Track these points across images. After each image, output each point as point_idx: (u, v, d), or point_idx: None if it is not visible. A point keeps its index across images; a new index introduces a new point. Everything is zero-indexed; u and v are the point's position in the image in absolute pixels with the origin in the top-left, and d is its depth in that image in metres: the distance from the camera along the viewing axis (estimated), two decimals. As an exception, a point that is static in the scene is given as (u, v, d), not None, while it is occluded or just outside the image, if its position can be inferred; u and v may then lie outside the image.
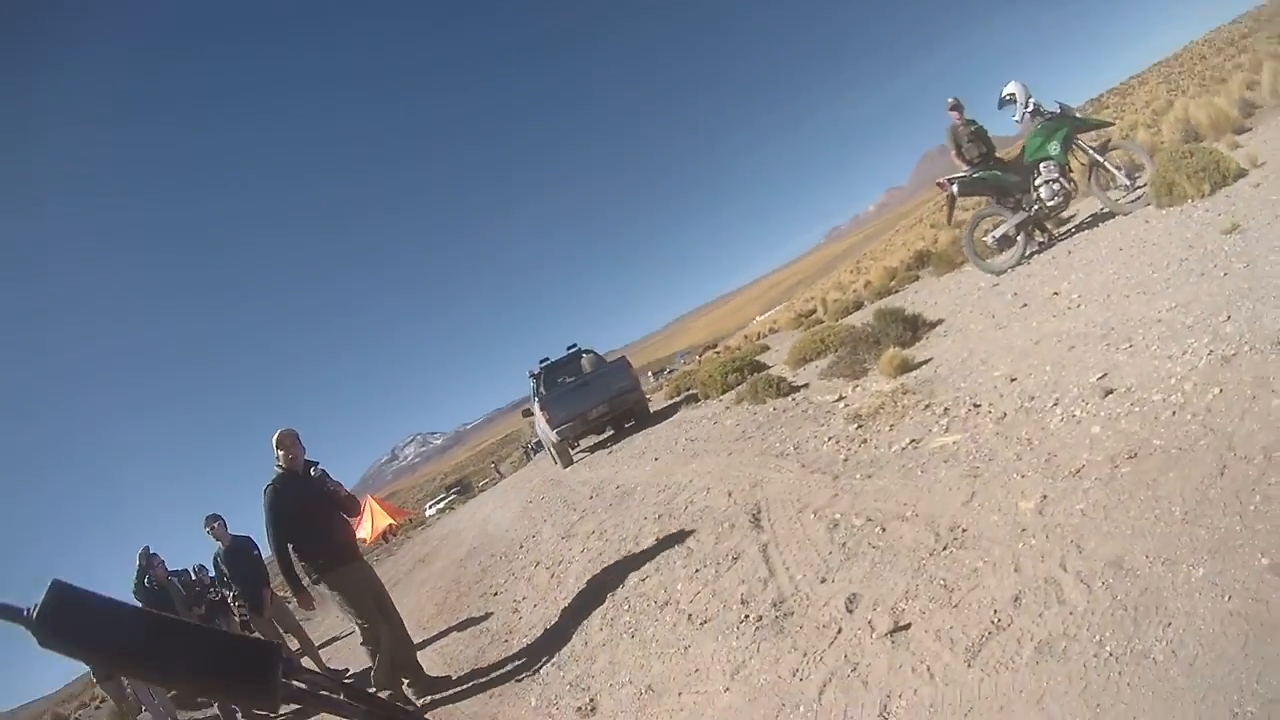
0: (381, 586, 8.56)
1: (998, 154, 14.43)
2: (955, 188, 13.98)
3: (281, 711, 1.19)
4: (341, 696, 1.19)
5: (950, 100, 14.53)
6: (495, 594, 9.47)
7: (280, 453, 8.24)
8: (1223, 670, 2.85)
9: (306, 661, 12.27)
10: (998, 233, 13.61)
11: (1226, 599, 3.15)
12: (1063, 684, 3.23)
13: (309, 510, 8.15)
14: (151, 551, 13.03)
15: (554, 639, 7.60)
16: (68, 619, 1.02)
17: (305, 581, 8.37)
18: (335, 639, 17.11)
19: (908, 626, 4.22)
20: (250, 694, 1.10)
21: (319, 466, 8.37)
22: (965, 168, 14.08)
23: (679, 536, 7.94)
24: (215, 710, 13.02)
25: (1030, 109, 13.23)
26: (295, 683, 1.14)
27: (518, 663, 7.68)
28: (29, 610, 1.00)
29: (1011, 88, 13.44)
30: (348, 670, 12.11)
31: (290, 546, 8.14)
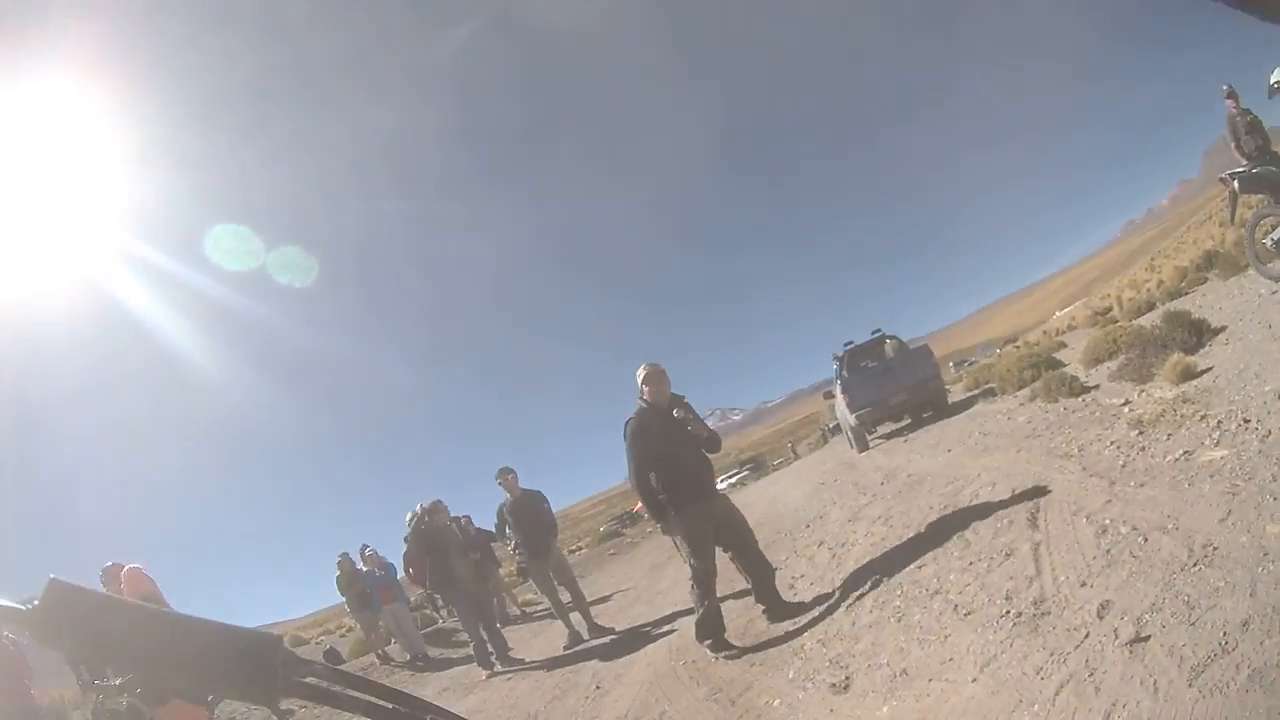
0: (737, 520, 8.88)
1: (1275, 147, 13.37)
2: (1236, 184, 13.21)
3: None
4: (344, 690, 1.22)
5: (1225, 88, 13.66)
6: (774, 569, 9.45)
7: (646, 388, 8.78)
8: None
9: (577, 619, 12.84)
10: (1277, 235, 12.60)
11: None
12: (1263, 714, 3.37)
13: (666, 445, 8.58)
14: (437, 499, 13.62)
15: (824, 617, 7.86)
16: (67, 616, 1.06)
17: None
18: (608, 597, 17.55)
19: (1148, 638, 4.35)
20: (252, 689, 1.13)
21: (684, 401, 8.80)
22: (1244, 161, 13.20)
23: (960, 528, 8.05)
24: (470, 650, 13.45)
25: None
26: (298, 677, 1.17)
27: (784, 636, 7.99)
28: (29, 609, 1.05)
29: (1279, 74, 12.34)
30: (614, 629, 12.59)
31: (652, 476, 8.55)
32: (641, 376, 8.83)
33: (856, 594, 7.95)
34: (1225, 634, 4.02)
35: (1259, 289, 13.28)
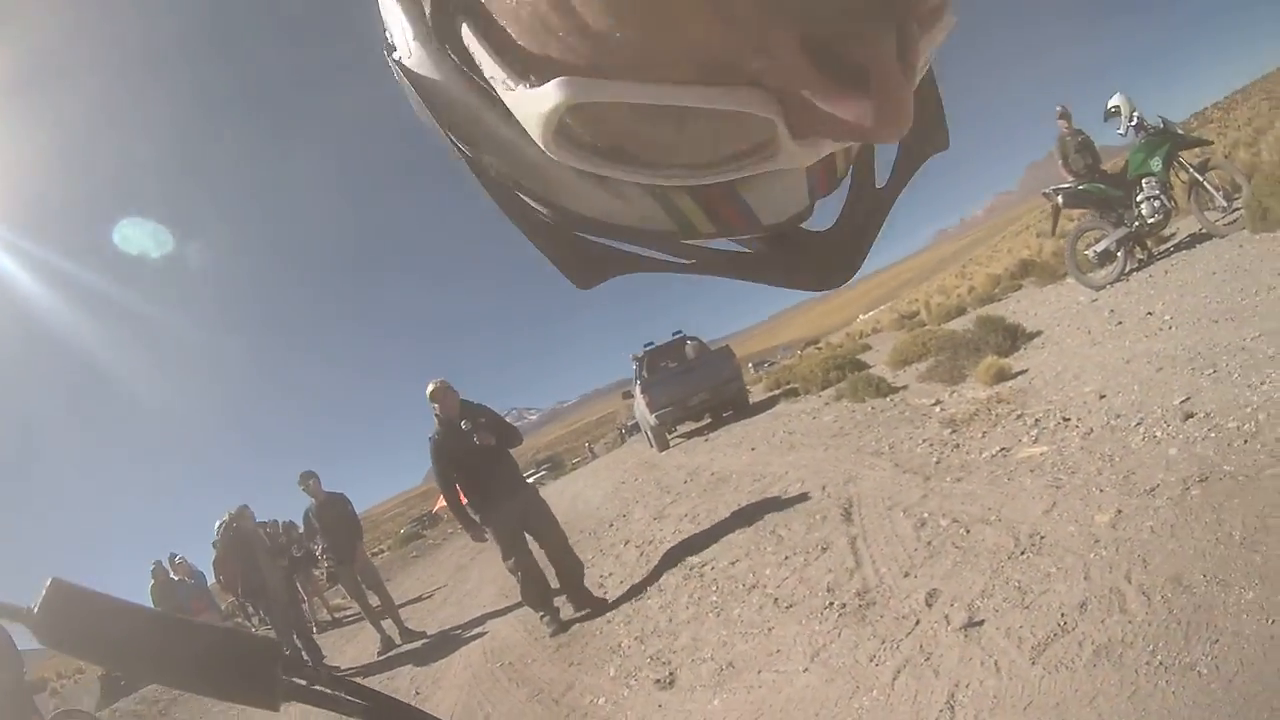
0: (544, 513, 9.18)
1: (1103, 166, 14.26)
2: (1060, 199, 13.84)
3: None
4: (342, 694, 1.18)
5: (1059, 108, 14.43)
6: (583, 565, 9.39)
7: (435, 405, 8.90)
8: (1258, 689, 3.02)
9: (388, 624, 12.71)
10: (1099, 247, 13.42)
11: (1271, 622, 3.32)
12: (1115, 687, 3.41)
13: (463, 456, 8.79)
14: (243, 504, 13.41)
15: (638, 615, 7.81)
16: (67, 617, 1.02)
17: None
18: (418, 599, 17.38)
19: (981, 623, 4.41)
20: (250, 692, 1.08)
21: (479, 407, 9.07)
22: (1071, 178, 13.92)
23: (771, 524, 8.10)
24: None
25: (1134, 123, 13.01)
26: (296, 680, 1.12)
27: (599, 634, 7.90)
28: (29, 609, 1.01)
29: (1117, 100, 13.26)
30: (425, 633, 12.46)
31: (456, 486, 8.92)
32: (428, 395, 9.03)
33: (670, 591, 7.94)
34: (1063, 615, 4.12)
35: (1078, 297, 13.76)
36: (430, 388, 9.02)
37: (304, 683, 1.12)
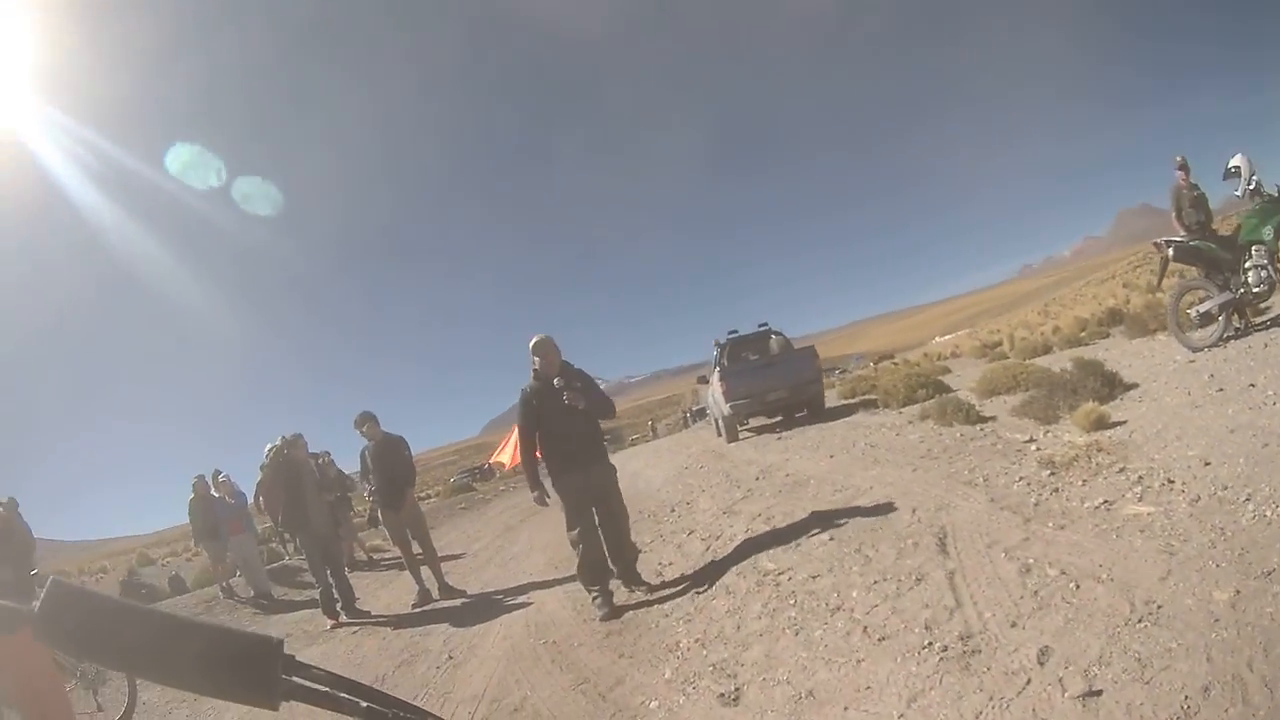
0: (613, 494, 9.19)
1: (1214, 225, 14.05)
2: (1171, 251, 13.56)
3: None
4: (342, 693, 1.21)
5: (1178, 159, 14.23)
6: (639, 552, 9.49)
7: (535, 358, 8.96)
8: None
9: (427, 573, 12.64)
10: (1202, 308, 13.10)
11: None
12: None
13: (551, 415, 8.89)
14: (298, 432, 13.22)
15: (700, 614, 7.56)
16: (68, 617, 1.06)
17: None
18: (458, 555, 17.17)
19: (1100, 693, 4.17)
20: (250, 691, 1.12)
21: (576, 370, 9.10)
22: (1182, 232, 13.74)
23: (856, 542, 7.79)
24: (316, 594, 13.36)
25: (1253, 186, 12.71)
26: (296, 679, 1.16)
27: (654, 629, 7.68)
28: (30, 609, 1.05)
29: (1238, 160, 12.89)
30: (466, 591, 12.39)
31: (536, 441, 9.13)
32: (530, 347, 9.00)
33: (739, 595, 7.63)
34: (1186, 697, 3.91)
35: (1173, 355, 13.44)
36: (535, 340, 8.96)
37: (304, 682, 1.17)
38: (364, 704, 1.21)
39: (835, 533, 8.37)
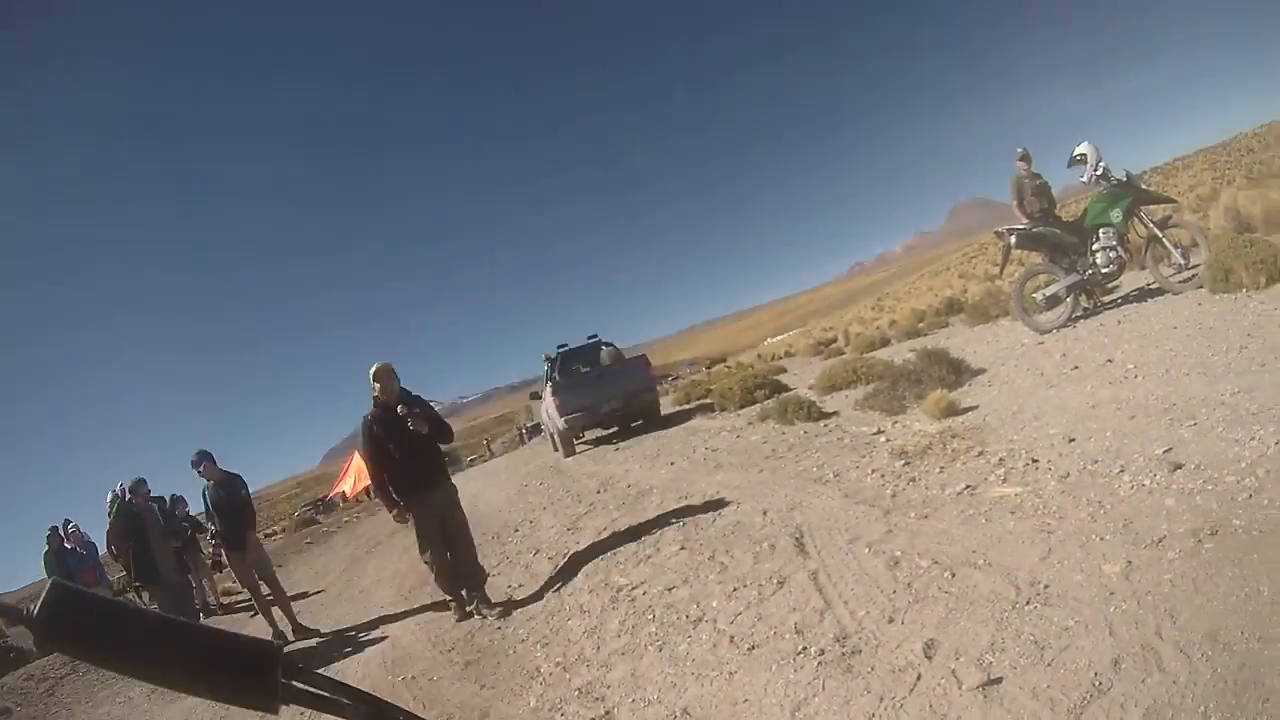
0: (455, 515, 9.31)
1: (1057, 211, 14.50)
2: (1013, 239, 13.93)
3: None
4: (341, 697, 1.19)
5: (1020, 150, 14.60)
6: (487, 575, 9.40)
7: (376, 385, 9.04)
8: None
9: (277, 613, 12.30)
10: (1049, 291, 13.55)
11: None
12: None
13: (394, 441, 8.93)
14: (139, 478, 13.04)
15: (557, 637, 7.28)
16: (68, 619, 1.03)
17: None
18: (308, 594, 16.52)
19: (999, 680, 4.03)
20: (249, 694, 1.10)
21: (415, 397, 9.19)
22: (1025, 220, 14.11)
23: (709, 550, 7.64)
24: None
25: (1099, 172, 13.21)
26: (296, 683, 1.14)
27: (511, 655, 7.37)
28: (29, 611, 1.02)
29: (1084, 148, 13.46)
30: (319, 630, 11.88)
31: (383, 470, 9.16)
32: (370, 374, 9.11)
33: (594, 614, 7.38)
34: (1096, 674, 3.85)
35: (1020, 338, 13.83)
36: (375, 367, 9.08)
37: (303, 686, 1.15)
38: (363, 708, 1.20)
39: (685, 542, 8.23)
